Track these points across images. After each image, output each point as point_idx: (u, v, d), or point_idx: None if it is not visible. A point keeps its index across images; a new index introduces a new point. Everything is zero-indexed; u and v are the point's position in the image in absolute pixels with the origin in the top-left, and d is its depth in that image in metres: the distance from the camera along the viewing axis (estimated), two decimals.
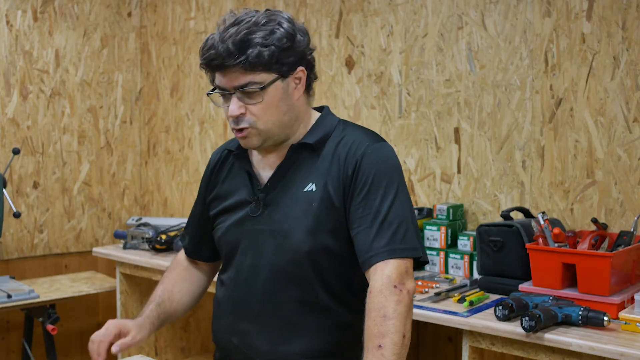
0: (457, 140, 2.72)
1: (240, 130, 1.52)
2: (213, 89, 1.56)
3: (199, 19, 3.68)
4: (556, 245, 2.10)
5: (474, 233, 2.46)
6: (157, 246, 3.07)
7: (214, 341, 1.68)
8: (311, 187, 1.53)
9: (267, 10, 1.52)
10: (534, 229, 2.18)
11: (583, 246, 2.07)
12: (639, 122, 2.29)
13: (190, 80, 3.74)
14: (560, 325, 1.89)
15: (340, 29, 3.09)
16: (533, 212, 2.49)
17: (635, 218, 2.19)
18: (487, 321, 1.96)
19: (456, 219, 2.62)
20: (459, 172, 2.73)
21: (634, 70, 2.29)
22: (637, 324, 1.83)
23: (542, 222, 2.14)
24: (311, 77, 1.58)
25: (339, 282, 1.53)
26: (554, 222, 2.31)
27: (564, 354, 1.83)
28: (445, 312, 2.08)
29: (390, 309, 1.38)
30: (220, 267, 1.71)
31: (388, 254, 1.44)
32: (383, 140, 1.57)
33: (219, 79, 1.51)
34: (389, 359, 1.34)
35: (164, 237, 3.06)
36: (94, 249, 3.35)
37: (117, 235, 3.35)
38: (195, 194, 3.72)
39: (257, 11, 1.51)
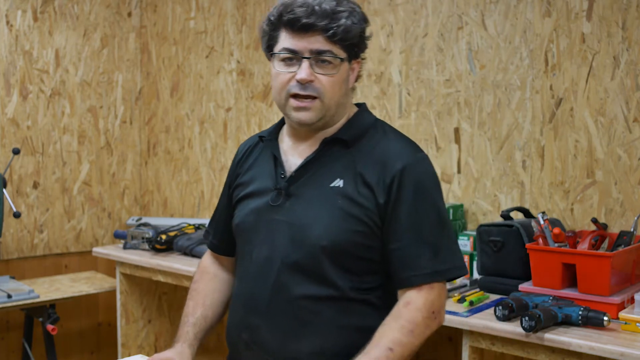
0: (457, 140, 2.72)
1: (305, 98, 1.47)
2: (269, 50, 1.51)
3: (199, 19, 3.68)
4: (556, 245, 2.09)
5: (474, 233, 2.46)
6: (157, 246, 3.06)
7: (226, 340, 1.62)
8: (339, 182, 1.48)
9: None
10: (534, 229, 2.18)
11: (583, 246, 2.07)
12: (639, 122, 2.29)
13: (190, 80, 3.74)
14: (560, 325, 1.89)
15: None
16: (533, 212, 2.49)
17: (635, 218, 2.19)
18: (487, 321, 1.96)
19: (456, 219, 2.62)
20: (459, 172, 2.73)
21: (634, 70, 2.29)
22: (637, 324, 1.83)
23: (542, 222, 2.14)
24: (360, 73, 1.59)
25: (353, 283, 1.48)
26: (554, 222, 2.31)
27: (564, 354, 1.83)
28: (445, 312, 2.07)
29: (419, 330, 1.43)
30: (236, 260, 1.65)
31: (434, 275, 1.45)
32: (422, 151, 1.54)
33: (292, 41, 1.47)
34: None
35: (164, 237, 3.06)
36: (94, 249, 3.35)
37: (117, 235, 3.35)
38: (195, 194, 3.75)
39: None
